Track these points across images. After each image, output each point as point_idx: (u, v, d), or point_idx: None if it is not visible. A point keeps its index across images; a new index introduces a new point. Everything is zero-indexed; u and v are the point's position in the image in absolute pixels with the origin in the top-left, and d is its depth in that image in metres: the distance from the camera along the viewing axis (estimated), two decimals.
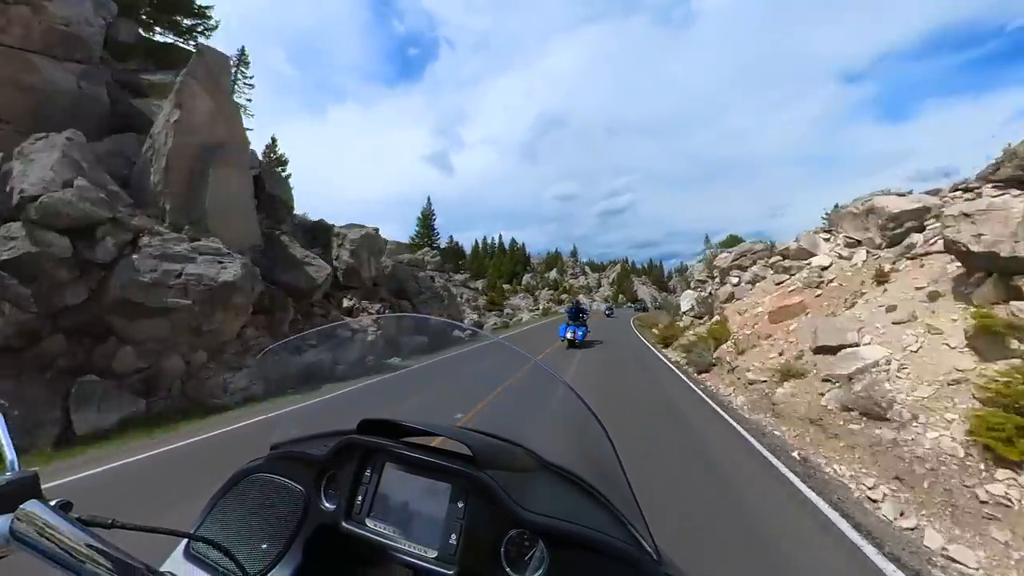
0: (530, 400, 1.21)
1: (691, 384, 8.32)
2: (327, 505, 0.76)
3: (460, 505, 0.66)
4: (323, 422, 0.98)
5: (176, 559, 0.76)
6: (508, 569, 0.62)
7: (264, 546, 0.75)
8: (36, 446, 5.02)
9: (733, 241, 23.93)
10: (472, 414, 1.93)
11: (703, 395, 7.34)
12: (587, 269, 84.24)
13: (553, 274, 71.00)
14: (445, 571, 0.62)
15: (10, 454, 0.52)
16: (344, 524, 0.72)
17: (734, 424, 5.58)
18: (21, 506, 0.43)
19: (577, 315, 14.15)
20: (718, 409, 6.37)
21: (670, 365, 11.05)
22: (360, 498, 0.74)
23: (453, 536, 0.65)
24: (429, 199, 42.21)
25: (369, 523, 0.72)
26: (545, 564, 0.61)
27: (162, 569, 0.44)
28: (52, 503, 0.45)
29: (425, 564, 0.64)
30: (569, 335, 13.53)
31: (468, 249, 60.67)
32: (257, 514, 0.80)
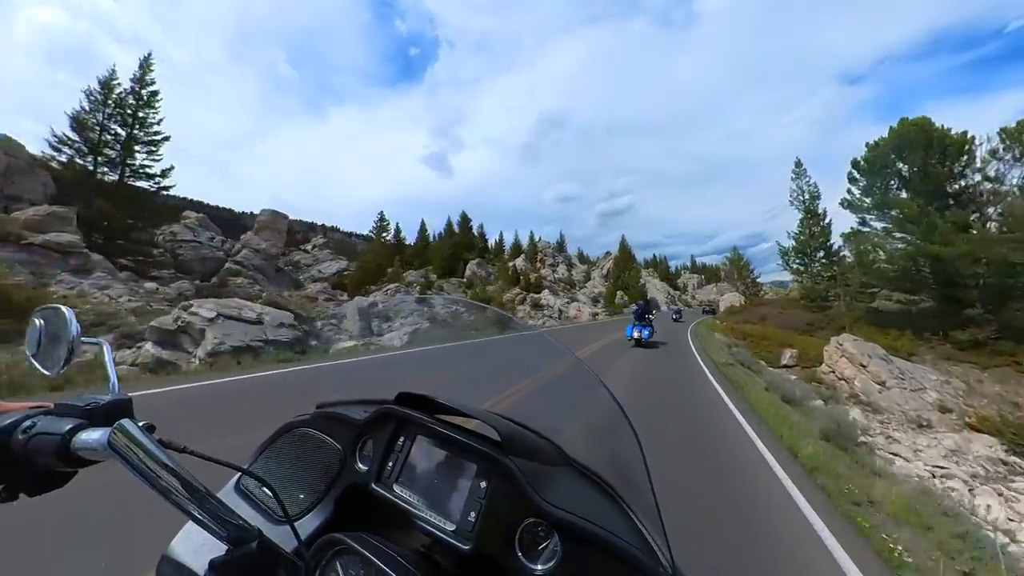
0: (563, 395, 1.20)
1: None
2: (360, 466, 0.82)
3: (483, 486, 0.67)
4: (369, 383, 1.04)
5: (227, 490, 0.86)
6: (521, 556, 0.63)
7: (301, 495, 0.83)
8: None
9: None
10: (504, 398, 1.96)
11: None
12: (575, 261, 66.99)
13: (519, 263, 51.66)
14: (461, 545, 0.64)
15: (112, 379, 0.63)
16: (373, 486, 0.78)
17: None
18: (118, 422, 0.52)
19: (644, 315, 15.53)
20: None
21: None
22: (391, 464, 0.79)
23: (472, 514, 0.66)
24: None
25: (396, 488, 0.76)
26: (557, 558, 0.60)
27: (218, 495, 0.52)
28: (140, 424, 0.53)
29: (443, 536, 0.66)
30: (636, 334, 14.77)
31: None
32: (298, 464, 0.87)
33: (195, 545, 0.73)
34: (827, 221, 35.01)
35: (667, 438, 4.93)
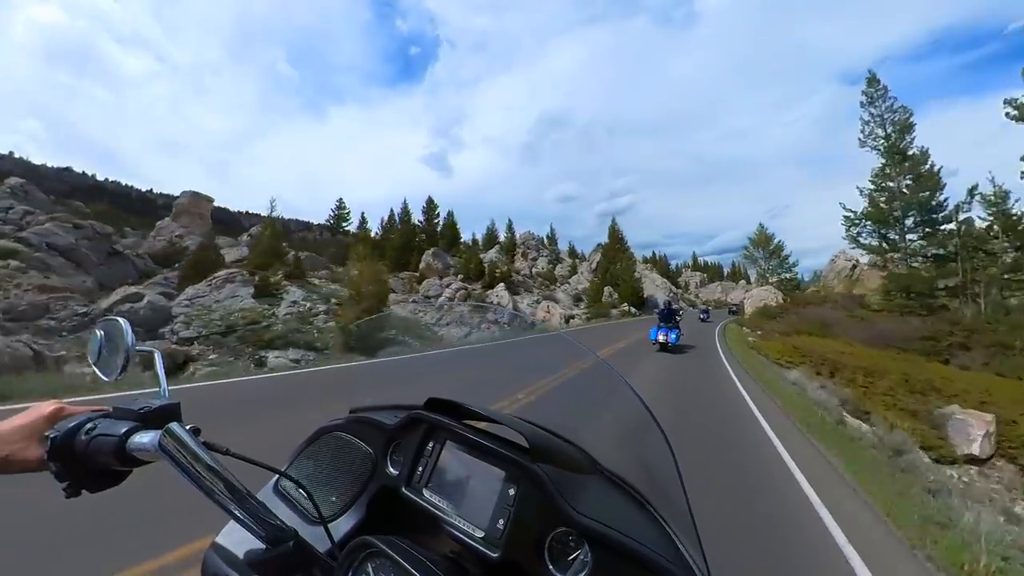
0: (588, 398, 1.19)
1: None
2: (391, 470, 0.82)
3: (511, 492, 0.68)
4: (398, 385, 1.06)
5: (266, 491, 0.88)
6: (551, 566, 0.63)
7: (334, 497, 0.83)
8: None
9: None
10: (527, 395, 1.95)
11: None
12: (564, 256, 58.88)
13: (491, 255, 43.29)
14: (490, 552, 0.65)
15: (163, 384, 0.67)
16: (403, 490, 0.78)
17: None
18: (167, 426, 0.55)
19: (670, 316, 13.45)
20: None
21: None
22: (420, 469, 0.79)
23: (501, 521, 0.67)
24: None
25: (426, 493, 0.76)
26: (588, 569, 0.61)
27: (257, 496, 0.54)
28: (188, 427, 0.56)
29: (472, 542, 0.67)
30: (661, 338, 12.64)
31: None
32: (332, 467, 0.89)
33: (237, 541, 0.76)
34: (933, 167, 20.35)
35: None
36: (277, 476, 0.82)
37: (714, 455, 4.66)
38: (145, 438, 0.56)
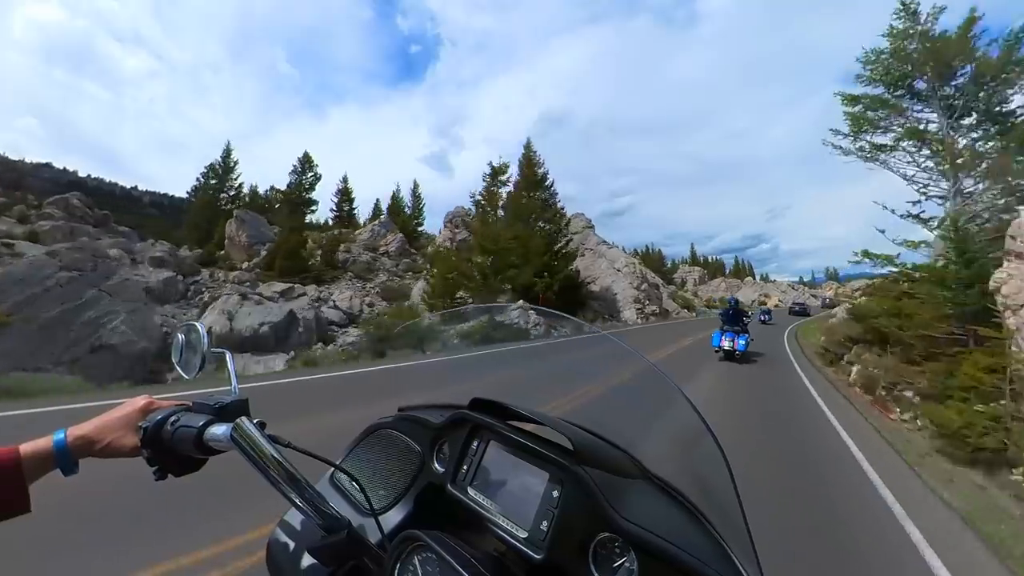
0: (637, 402, 1.16)
1: None
2: (437, 467, 0.85)
3: (555, 495, 0.68)
4: (443, 385, 1.09)
5: (323, 482, 0.93)
6: (595, 571, 0.61)
7: (384, 491, 0.87)
8: None
9: None
10: (572, 399, 1.93)
11: None
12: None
13: (370, 230, 31.52)
14: (533, 554, 0.64)
15: (234, 382, 0.73)
16: (449, 487, 0.79)
17: None
18: (237, 420, 0.61)
19: (736, 318, 11.28)
20: None
21: None
22: (465, 467, 0.80)
23: (545, 523, 0.66)
24: None
25: (470, 491, 0.77)
26: None
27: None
28: (255, 421, 0.61)
29: (515, 542, 0.67)
30: (726, 344, 10.80)
31: None
32: (382, 462, 0.93)
33: (297, 527, 0.82)
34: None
35: None
36: (332, 469, 0.87)
37: None
38: (219, 430, 0.63)
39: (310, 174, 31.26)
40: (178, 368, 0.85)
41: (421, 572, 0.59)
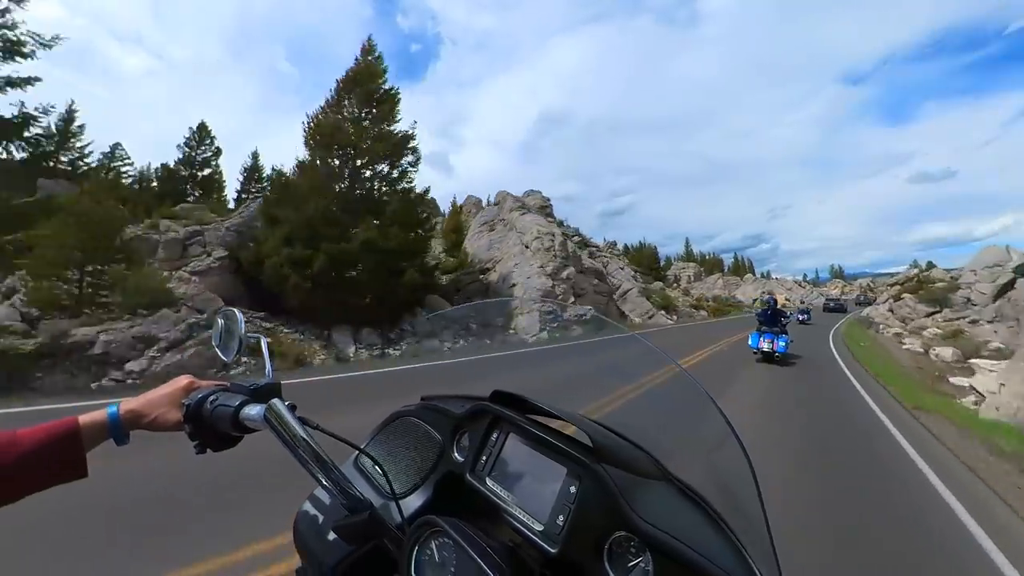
0: (660, 404, 1.14)
1: None
2: (457, 456, 0.87)
3: (572, 490, 0.68)
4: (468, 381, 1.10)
5: (348, 464, 0.96)
6: (609, 569, 0.61)
7: (404, 476, 0.90)
8: None
9: None
10: (599, 405, 1.90)
11: None
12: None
13: None
14: (548, 548, 0.65)
15: (268, 366, 0.78)
16: (467, 476, 0.81)
17: None
18: (270, 401, 0.64)
19: (775, 319, 10.96)
20: None
21: None
22: (484, 458, 0.82)
23: (561, 518, 0.66)
24: None
25: (488, 482, 0.79)
26: None
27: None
28: (286, 403, 0.64)
29: (531, 534, 0.68)
30: (765, 345, 10.45)
31: None
32: (404, 448, 0.96)
33: (322, 505, 0.86)
34: None
35: None
36: (357, 452, 0.91)
37: None
38: (253, 411, 0.66)
39: (206, 146, 24.66)
40: (217, 351, 0.90)
41: (438, 557, 0.61)
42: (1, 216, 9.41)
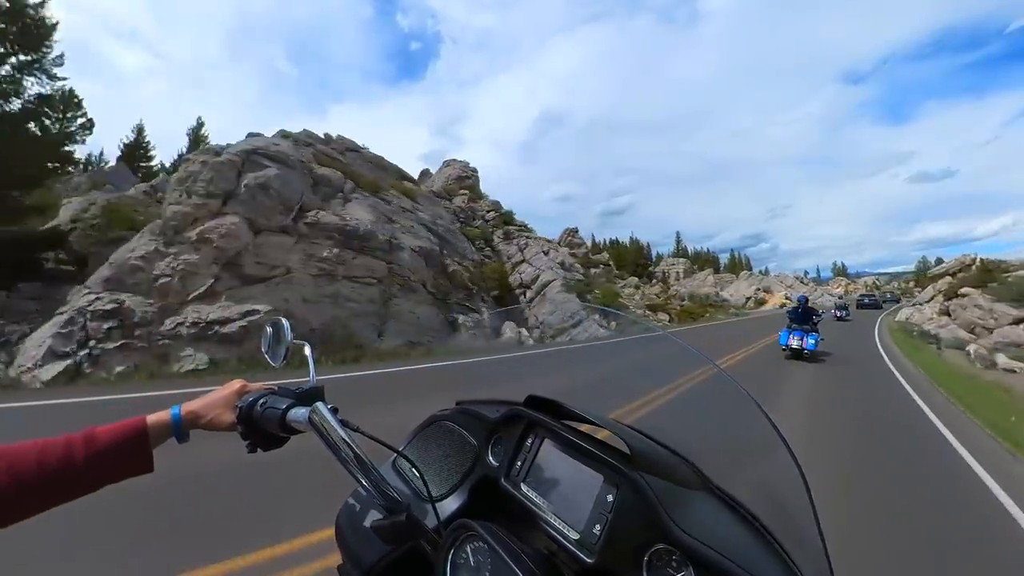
0: (701, 409, 1.09)
1: None
2: (492, 461, 0.87)
3: (609, 499, 0.66)
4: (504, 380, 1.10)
5: (386, 466, 0.98)
6: None
7: (440, 480, 0.91)
8: None
9: None
10: (634, 406, 1.85)
11: None
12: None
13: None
14: (585, 557, 0.63)
15: (311, 370, 0.80)
16: (502, 481, 0.81)
17: None
18: (314, 404, 0.66)
19: (806, 317, 11.01)
20: None
21: None
22: (519, 463, 0.81)
23: (597, 527, 0.65)
24: None
25: (523, 487, 0.78)
26: None
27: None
28: (329, 407, 0.67)
29: (566, 543, 0.66)
30: (795, 343, 10.53)
31: None
32: (440, 452, 0.97)
33: (362, 505, 0.89)
34: None
35: None
36: (395, 455, 0.93)
37: None
38: (299, 414, 0.69)
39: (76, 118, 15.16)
40: (267, 357, 0.95)
41: (473, 560, 0.61)
42: None
